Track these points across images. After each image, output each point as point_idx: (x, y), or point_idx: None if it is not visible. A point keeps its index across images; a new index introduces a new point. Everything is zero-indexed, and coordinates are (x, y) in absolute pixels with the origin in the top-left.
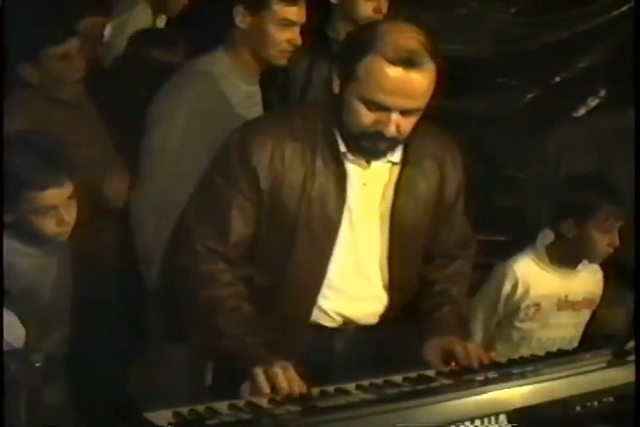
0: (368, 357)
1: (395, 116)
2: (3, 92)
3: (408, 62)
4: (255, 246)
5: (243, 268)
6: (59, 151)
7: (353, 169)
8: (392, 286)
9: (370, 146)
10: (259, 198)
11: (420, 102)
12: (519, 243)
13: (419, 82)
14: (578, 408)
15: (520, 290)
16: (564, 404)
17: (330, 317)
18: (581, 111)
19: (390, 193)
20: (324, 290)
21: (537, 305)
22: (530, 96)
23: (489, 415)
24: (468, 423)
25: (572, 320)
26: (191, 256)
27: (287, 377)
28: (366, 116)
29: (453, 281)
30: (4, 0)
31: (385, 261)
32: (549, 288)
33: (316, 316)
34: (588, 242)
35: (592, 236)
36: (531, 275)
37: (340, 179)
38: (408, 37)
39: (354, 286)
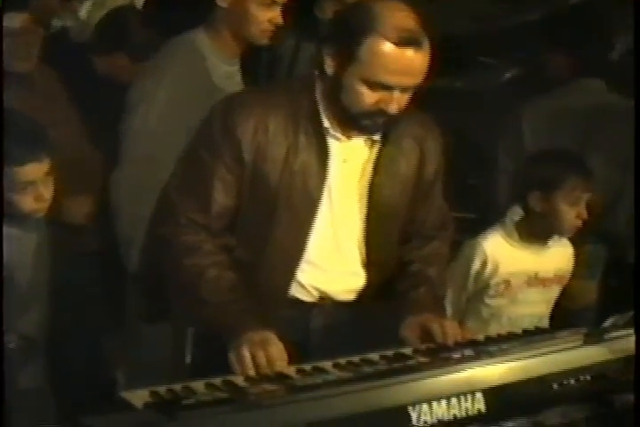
0: (345, 334)
1: (397, 94)
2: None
3: (409, 42)
4: (236, 219)
5: (224, 238)
6: (37, 127)
7: (334, 145)
8: (369, 264)
9: (370, 123)
10: (241, 170)
11: (419, 79)
12: (490, 221)
13: (418, 60)
14: (555, 386)
15: (489, 267)
16: (540, 382)
17: (307, 291)
18: (559, 90)
19: (369, 171)
20: (302, 264)
21: (506, 282)
22: (508, 75)
23: (465, 393)
24: (444, 401)
25: (542, 297)
26: (173, 227)
27: (269, 354)
28: (369, 96)
29: (430, 262)
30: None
31: (362, 239)
32: (519, 265)
33: (294, 290)
34: (556, 215)
35: (559, 208)
36: (500, 252)
37: (322, 154)
38: (405, 16)
39: (331, 261)
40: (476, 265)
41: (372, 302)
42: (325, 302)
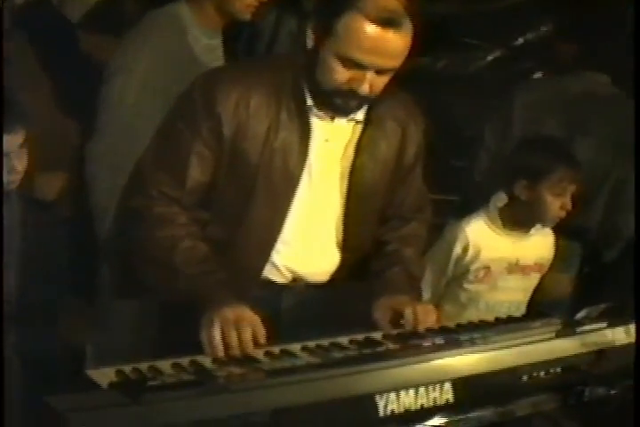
0: (316, 316)
1: (369, 75)
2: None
3: (388, 22)
4: (212, 196)
5: (197, 213)
6: (12, 98)
7: (317, 124)
8: (345, 246)
9: (341, 103)
10: (220, 146)
11: (396, 62)
12: (471, 203)
13: (396, 42)
14: (524, 378)
15: (471, 252)
16: (510, 373)
17: (280, 272)
18: (541, 74)
19: (351, 152)
20: (277, 244)
21: (487, 268)
22: (491, 57)
23: (434, 383)
24: (411, 391)
25: (521, 284)
26: (145, 200)
27: (242, 336)
28: (341, 74)
29: (407, 242)
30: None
31: (340, 220)
32: (500, 252)
33: (267, 270)
34: (540, 204)
35: (544, 198)
36: (482, 238)
37: (304, 132)
38: None
39: (306, 242)
40: (458, 249)
41: (346, 284)
42: (297, 283)
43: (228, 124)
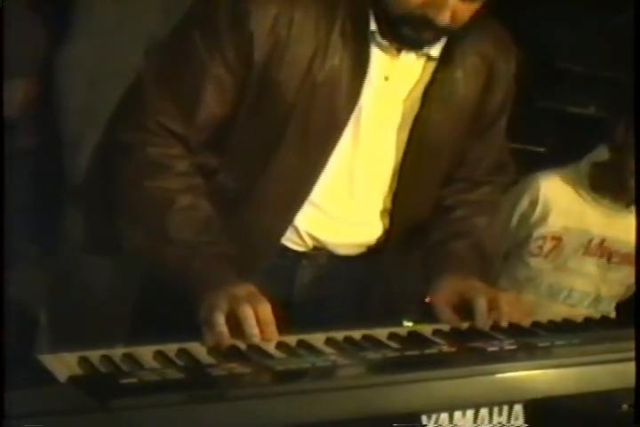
0: (342, 298)
1: (452, 0)
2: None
3: None
4: (228, 135)
5: (204, 157)
6: None
7: (378, 56)
8: (393, 215)
9: (411, 34)
10: (246, 72)
11: None
12: (560, 157)
13: None
14: (624, 407)
15: (539, 210)
16: (604, 398)
17: (300, 238)
18: None
19: (418, 95)
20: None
21: (556, 239)
22: None
23: (500, 404)
24: (470, 412)
25: (601, 273)
26: (139, 133)
27: (262, 318)
28: None
29: (478, 209)
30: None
31: (393, 181)
32: (578, 221)
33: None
34: (620, 162)
35: (626, 153)
36: (558, 196)
37: (360, 65)
38: None
39: (341, 206)
40: (524, 202)
41: (389, 258)
42: (320, 252)
43: (262, 45)
